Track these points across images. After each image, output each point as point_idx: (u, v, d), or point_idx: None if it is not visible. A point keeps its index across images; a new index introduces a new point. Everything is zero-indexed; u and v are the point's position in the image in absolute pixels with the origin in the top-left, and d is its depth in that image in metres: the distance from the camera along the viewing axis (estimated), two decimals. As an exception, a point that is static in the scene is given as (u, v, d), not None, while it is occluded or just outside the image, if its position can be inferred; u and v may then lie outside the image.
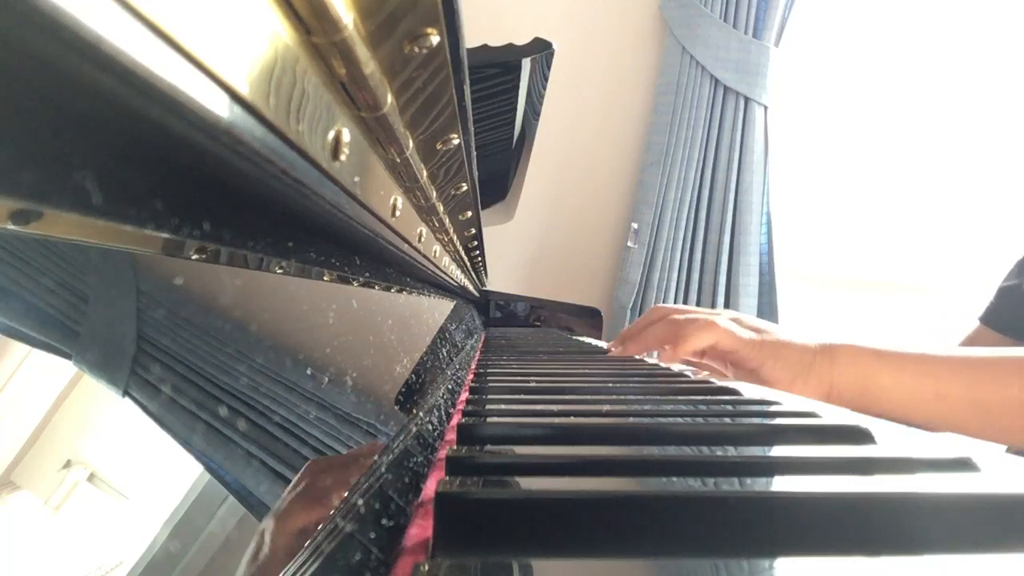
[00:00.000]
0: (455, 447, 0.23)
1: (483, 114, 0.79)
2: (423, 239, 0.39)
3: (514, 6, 1.70)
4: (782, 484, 0.19)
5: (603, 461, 0.22)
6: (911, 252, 1.83)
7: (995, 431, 0.52)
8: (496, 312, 1.42)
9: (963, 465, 0.21)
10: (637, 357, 0.68)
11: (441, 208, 0.39)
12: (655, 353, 0.73)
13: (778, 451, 0.24)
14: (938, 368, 0.54)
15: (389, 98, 0.19)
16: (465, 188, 0.40)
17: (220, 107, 0.11)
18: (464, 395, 0.40)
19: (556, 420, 0.28)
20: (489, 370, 0.51)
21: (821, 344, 0.59)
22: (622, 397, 0.38)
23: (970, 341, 1.00)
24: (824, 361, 0.58)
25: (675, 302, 1.68)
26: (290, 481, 0.18)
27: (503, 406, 0.33)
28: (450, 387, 0.44)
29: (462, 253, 0.67)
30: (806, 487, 0.18)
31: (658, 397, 0.39)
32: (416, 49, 0.18)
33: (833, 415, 0.32)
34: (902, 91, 1.81)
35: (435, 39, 0.19)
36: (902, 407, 0.55)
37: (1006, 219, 1.73)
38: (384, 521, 0.18)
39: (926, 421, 0.55)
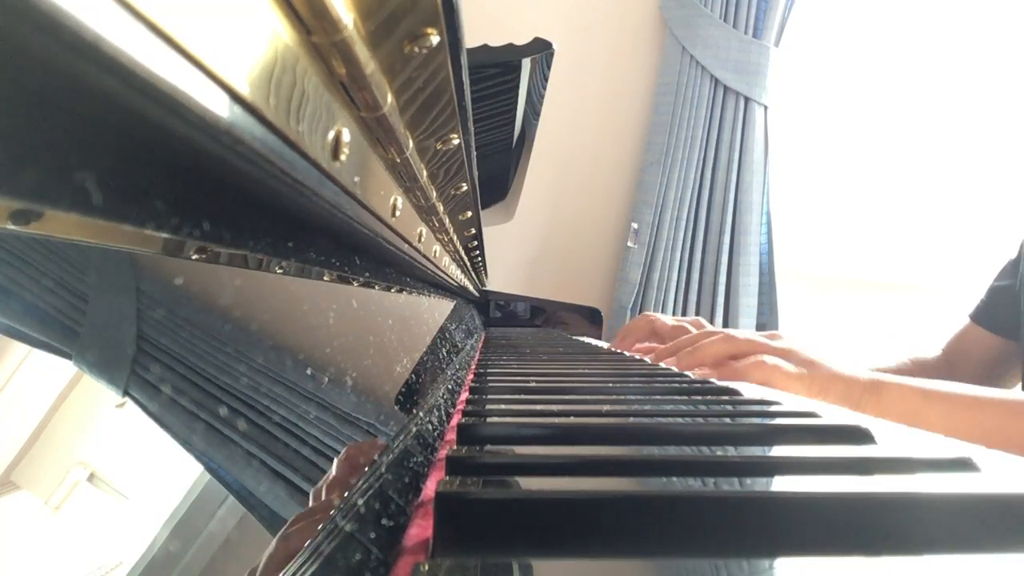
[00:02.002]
0: (455, 447, 0.23)
1: (483, 114, 0.79)
2: (423, 239, 0.39)
3: (514, 6, 1.70)
4: (782, 484, 0.19)
5: (603, 461, 0.22)
6: (911, 252, 1.83)
7: None
8: (496, 312, 1.42)
9: (963, 465, 0.21)
10: (637, 357, 0.68)
11: (441, 208, 0.39)
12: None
13: (778, 451, 0.24)
14: (987, 411, 0.54)
15: (389, 98, 0.19)
16: (465, 188, 0.40)
17: (220, 107, 0.11)
18: (464, 395, 0.40)
19: (556, 420, 0.28)
20: (489, 370, 0.51)
21: (869, 379, 0.59)
22: (622, 397, 0.38)
23: (959, 338, 1.01)
24: (871, 397, 0.58)
25: (675, 302, 1.68)
26: (290, 481, 0.18)
27: (503, 406, 0.33)
28: (450, 387, 0.44)
29: (462, 253, 0.67)
30: (806, 487, 0.18)
31: (658, 397, 0.39)
32: (416, 49, 0.18)
33: (833, 415, 0.32)
34: (902, 91, 1.81)
35: (435, 39, 0.19)
36: None
37: (1006, 219, 1.73)
38: (384, 521, 0.18)
39: None
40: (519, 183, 1.18)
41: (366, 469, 0.21)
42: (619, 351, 0.80)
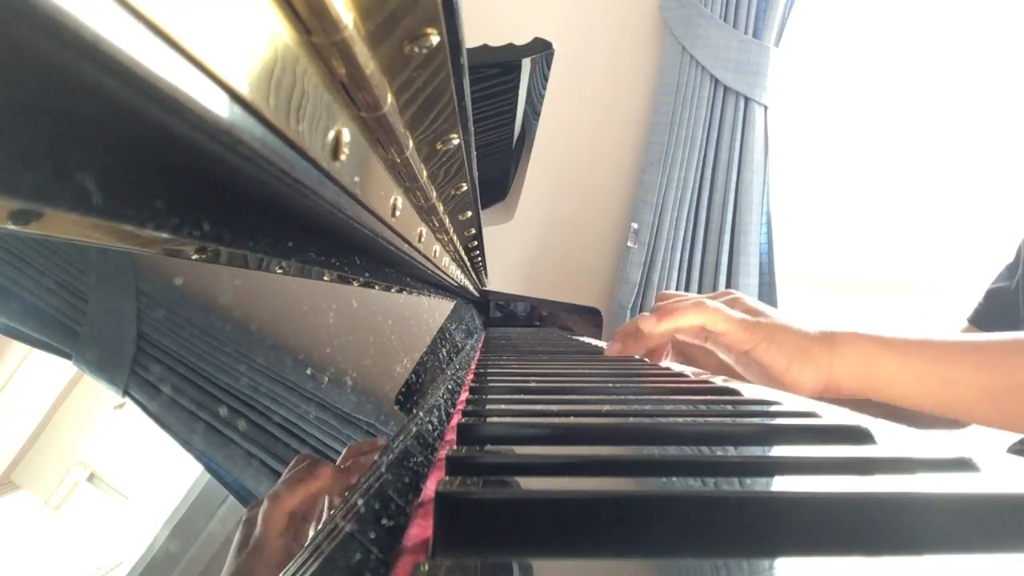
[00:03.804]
0: (455, 447, 0.23)
1: (483, 114, 0.79)
2: (423, 239, 0.39)
3: (514, 6, 1.70)
4: (782, 484, 0.19)
5: (603, 461, 0.22)
6: (911, 252, 1.83)
7: (1003, 416, 0.51)
8: (496, 312, 1.42)
9: (963, 465, 0.21)
10: (637, 357, 0.68)
11: (441, 208, 0.39)
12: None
13: (778, 451, 0.24)
14: (945, 353, 0.53)
15: (389, 98, 0.19)
16: (465, 188, 0.40)
17: (220, 107, 0.11)
18: (464, 395, 0.40)
19: (556, 420, 0.28)
20: (489, 370, 0.51)
21: (821, 331, 0.57)
22: (622, 397, 0.38)
23: None
24: (823, 348, 0.55)
25: (675, 302, 1.68)
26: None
27: (503, 406, 0.33)
28: (450, 387, 0.44)
29: (462, 253, 0.67)
30: (806, 487, 0.18)
31: (658, 397, 0.39)
32: (416, 49, 0.18)
33: (833, 415, 0.32)
34: (902, 91, 1.81)
35: (435, 39, 0.19)
36: (908, 394, 0.54)
37: (1007, 220, 1.73)
38: (384, 521, 0.18)
39: (933, 407, 0.53)
40: (519, 183, 1.18)
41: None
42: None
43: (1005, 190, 1.77)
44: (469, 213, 0.50)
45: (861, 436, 0.26)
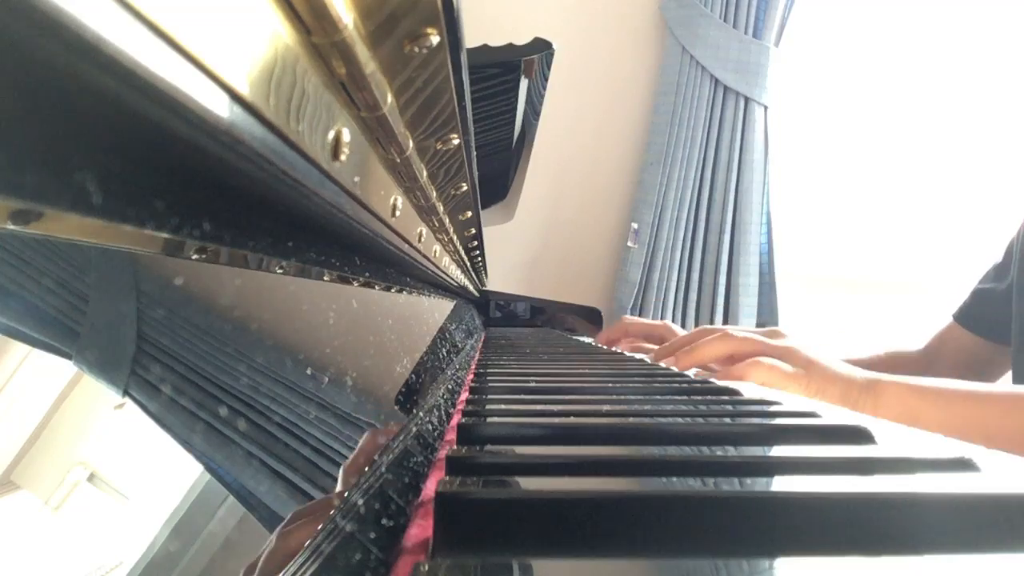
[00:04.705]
0: (455, 447, 0.23)
1: (483, 114, 0.79)
2: (423, 239, 0.39)
3: (514, 6, 1.70)
4: (782, 484, 0.19)
5: (603, 461, 0.22)
6: (911, 252, 1.83)
7: None
8: (496, 312, 1.42)
9: (963, 465, 0.21)
10: (637, 357, 0.68)
11: (441, 208, 0.39)
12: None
13: (778, 451, 0.24)
14: (986, 408, 0.54)
15: (389, 98, 0.19)
16: (465, 188, 0.40)
17: (220, 107, 0.11)
18: (464, 395, 0.40)
19: (556, 420, 0.28)
20: (489, 370, 0.51)
21: (866, 379, 0.60)
22: (622, 397, 0.38)
23: (941, 336, 1.04)
24: (868, 398, 0.58)
25: (675, 302, 1.68)
26: (290, 481, 0.18)
27: (503, 406, 0.33)
28: (450, 387, 0.44)
29: (462, 253, 0.67)
30: (806, 487, 0.18)
31: (658, 397, 0.39)
32: (416, 49, 0.18)
33: (833, 415, 0.32)
34: (902, 91, 1.81)
35: (435, 39, 0.19)
36: None
37: (1006, 220, 1.73)
38: (384, 521, 0.18)
39: None
40: (519, 183, 1.18)
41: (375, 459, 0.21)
42: (618, 351, 0.80)
43: (1006, 190, 1.77)
44: (469, 213, 0.50)
45: (861, 436, 0.26)
